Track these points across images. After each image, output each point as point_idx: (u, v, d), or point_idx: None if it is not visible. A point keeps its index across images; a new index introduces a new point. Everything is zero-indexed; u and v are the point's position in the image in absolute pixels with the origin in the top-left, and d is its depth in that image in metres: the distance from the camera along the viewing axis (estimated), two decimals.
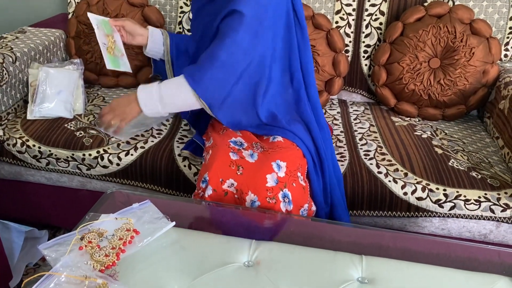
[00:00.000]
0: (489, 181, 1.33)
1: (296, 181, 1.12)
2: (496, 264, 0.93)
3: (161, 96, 1.20)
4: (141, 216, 0.98)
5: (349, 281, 0.87)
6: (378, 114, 1.72)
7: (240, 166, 1.11)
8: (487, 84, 1.64)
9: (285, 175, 1.10)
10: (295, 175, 1.12)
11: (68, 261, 0.82)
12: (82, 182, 1.53)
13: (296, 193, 1.10)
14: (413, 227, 1.37)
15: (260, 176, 1.09)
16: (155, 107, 1.22)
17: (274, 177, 1.08)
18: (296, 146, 1.20)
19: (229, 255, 0.94)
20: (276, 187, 1.07)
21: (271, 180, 1.08)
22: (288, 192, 1.08)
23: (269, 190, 1.06)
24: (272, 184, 1.07)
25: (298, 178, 1.13)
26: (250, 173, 1.10)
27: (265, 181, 1.07)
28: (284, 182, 1.09)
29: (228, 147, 1.16)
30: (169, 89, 1.20)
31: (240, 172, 1.11)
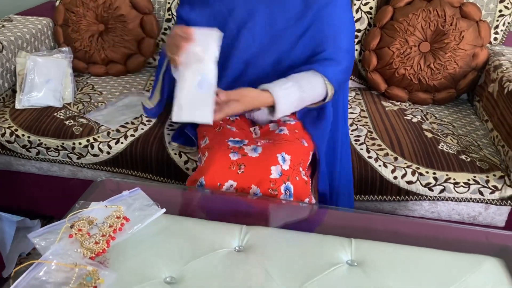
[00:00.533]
0: (478, 164, 1.34)
1: (299, 175, 1.11)
2: (483, 245, 0.95)
3: (300, 100, 1.14)
4: (131, 204, 0.98)
5: (339, 264, 0.88)
6: (368, 99, 1.73)
7: (242, 164, 1.08)
8: (476, 67, 1.64)
9: (289, 168, 1.09)
10: (297, 169, 1.12)
11: (58, 249, 0.82)
12: (73, 171, 1.53)
13: (298, 187, 1.09)
14: (403, 211, 1.38)
15: (264, 167, 1.07)
16: (286, 111, 1.14)
17: (279, 169, 1.07)
18: (300, 141, 1.18)
19: (220, 241, 0.94)
20: (280, 179, 1.06)
21: (275, 172, 1.07)
22: (290, 186, 1.08)
23: (272, 182, 1.06)
24: (275, 176, 1.06)
25: (300, 173, 1.13)
26: (253, 167, 1.07)
27: (269, 173, 1.06)
28: (288, 175, 1.08)
29: (227, 148, 1.11)
30: (309, 94, 1.16)
31: (242, 171, 1.07)
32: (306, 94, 1.14)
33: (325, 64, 1.15)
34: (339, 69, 1.17)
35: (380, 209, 1.40)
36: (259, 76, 1.20)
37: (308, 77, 1.14)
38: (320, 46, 1.17)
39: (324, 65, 1.15)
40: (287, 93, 1.09)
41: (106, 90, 1.72)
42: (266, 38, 1.17)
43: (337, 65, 1.16)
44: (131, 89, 1.72)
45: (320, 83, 1.15)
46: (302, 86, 1.12)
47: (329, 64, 1.15)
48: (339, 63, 1.17)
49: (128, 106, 1.57)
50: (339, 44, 1.17)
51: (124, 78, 1.83)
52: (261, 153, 1.10)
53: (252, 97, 1.10)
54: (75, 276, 0.77)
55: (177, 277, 0.85)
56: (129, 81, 1.81)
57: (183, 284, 0.83)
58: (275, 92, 1.09)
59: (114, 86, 1.75)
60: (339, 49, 1.17)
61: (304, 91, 1.13)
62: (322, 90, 1.16)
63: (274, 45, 1.18)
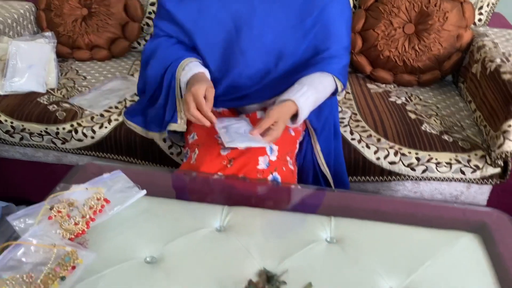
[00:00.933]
0: (460, 144, 1.35)
1: (286, 165, 1.12)
2: (461, 221, 0.96)
3: (315, 102, 1.15)
4: (112, 186, 0.98)
5: (317, 241, 0.89)
6: (354, 81, 1.73)
7: (233, 158, 1.07)
8: (461, 48, 1.64)
9: (276, 159, 1.10)
10: (285, 159, 1.13)
11: (36, 230, 0.83)
12: (57, 157, 1.52)
13: (284, 177, 1.10)
14: (386, 191, 1.39)
15: (252, 157, 1.07)
16: (305, 116, 1.14)
17: (266, 160, 1.08)
18: (288, 130, 1.19)
19: (201, 221, 0.95)
20: (267, 170, 1.07)
21: (262, 163, 1.07)
22: (277, 176, 1.08)
23: (259, 172, 1.06)
24: (263, 167, 1.07)
25: (287, 162, 1.13)
26: (242, 158, 1.08)
27: (257, 163, 1.07)
28: (275, 166, 1.09)
29: (217, 144, 1.10)
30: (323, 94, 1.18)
31: (231, 164, 1.07)
32: (320, 95, 1.16)
33: (332, 63, 1.18)
34: (342, 65, 1.20)
35: (363, 190, 1.41)
36: (261, 73, 1.20)
37: (319, 78, 1.16)
38: (324, 44, 1.18)
39: (330, 64, 1.17)
40: (306, 98, 1.11)
41: (90, 75, 1.71)
42: (269, 35, 1.17)
43: (341, 62, 1.20)
44: (116, 74, 1.71)
45: (330, 82, 1.18)
46: (317, 88, 1.14)
47: (334, 62, 1.18)
48: (342, 59, 1.20)
49: (112, 90, 1.57)
50: (341, 42, 1.20)
51: (109, 63, 1.82)
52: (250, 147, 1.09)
53: (283, 112, 1.09)
54: (54, 257, 0.78)
55: (157, 256, 0.86)
56: (114, 65, 1.79)
57: (163, 264, 0.84)
58: (298, 101, 1.09)
59: (98, 71, 1.74)
60: (342, 46, 1.20)
61: (319, 92, 1.15)
62: (332, 87, 1.20)
63: (278, 43, 1.18)
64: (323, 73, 1.16)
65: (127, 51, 1.88)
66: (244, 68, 1.20)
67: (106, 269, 0.81)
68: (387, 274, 0.83)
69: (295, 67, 1.20)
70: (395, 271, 0.84)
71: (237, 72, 1.20)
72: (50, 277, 0.74)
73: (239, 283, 0.80)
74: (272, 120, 1.06)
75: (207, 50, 1.18)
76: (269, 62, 1.20)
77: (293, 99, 1.09)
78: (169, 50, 1.21)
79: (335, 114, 1.35)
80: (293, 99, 1.09)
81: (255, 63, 1.19)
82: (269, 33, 1.17)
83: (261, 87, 1.22)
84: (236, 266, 0.83)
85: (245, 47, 1.17)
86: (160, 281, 0.80)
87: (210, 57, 1.19)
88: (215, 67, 1.20)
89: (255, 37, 1.16)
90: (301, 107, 1.09)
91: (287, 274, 0.82)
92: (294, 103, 1.09)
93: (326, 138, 1.29)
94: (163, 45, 1.22)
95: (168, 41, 1.22)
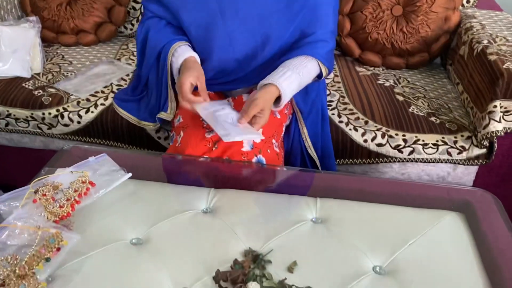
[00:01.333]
0: (447, 125, 1.36)
1: (270, 148, 1.12)
2: (445, 200, 0.97)
3: (298, 86, 1.14)
4: (97, 169, 0.98)
5: (303, 221, 0.90)
6: (342, 64, 1.72)
7: (217, 141, 1.07)
8: (449, 30, 1.64)
9: (260, 142, 1.10)
10: (270, 142, 1.13)
11: (21, 213, 0.82)
12: (44, 142, 1.51)
13: (269, 160, 1.10)
14: (374, 173, 1.40)
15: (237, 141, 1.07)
16: (288, 100, 1.14)
17: (250, 142, 1.08)
18: (273, 113, 1.18)
19: (187, 203, 0.95)
20: (251, 152, 1.07)
21: (246, 145, 1.07)
22: (262, 158, 1.08)
23: (244, 155, 1.06)
24: (247, 149, 1.07)
25: (273, 145, 1.13)
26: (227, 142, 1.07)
27: (241, 145, 1.07)
28: (259, 148, 1.09)
29: (202, 127, 1.11)
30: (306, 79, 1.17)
31: (216, 147, 1.07)
32: (304, 79, 1.16)
33: (317, 47, 1.17)
34: (328, 50, 1.19)
35: (351, 173, 1.42)
36: (248, 57, 1.19)
37: (303, 62, 1.15)
38: (310, 29, 1.17)
39: (316, 48, 1.16)
40: (289, 82, 1.10)
41: (76, 59, 1.69)
42: (254, 18, 1.15)
43: (327, 46, 1.19)
44: (102, 59, 1.69)
45: (314, 66, 1.17)
46: (301, 72, 1.13)
47: (319, 46, 1.17)
48: (328, 44, 1.19)
49: (98, 75, 1.55)
50: (327, 26, 1.19)
51: (95, 48, 1.80)
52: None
53: (268, 99, 1.09)
54: (38, 239, 0.78)
55: (143, 238, 0.86)
56: (100, 50, 1.77)
57: (149, 245, 0.84)
58: (281, 86, 1.09)
59: (84, 56, 1.72)
60: (328, 30, 1.19)
61: (303, 77, 1.14)
62: (316, 71, 1.19)
63: (264, 27, 1.16)
64: (307, 57, 1.16)
65: (114, 36, 1.86)
66: (230, 51, 1.19)
67: (91, 250, 0.81)
68: (371, 252, 0.84)
69: (282, 51, 1.19)
70: (379, 249, 0.85)
71: (224, 55, 1.19)
72: (35, 258, 0.74)
73: (225, 263, 0.80)
74: (259, 108, 1.06)
75: (190, 30, 1.17)
76: (256, 46, 1.19)
77: (276, 84, 1.08)
78: (159, 34, 1.20)
79: (323, 97, 1.35)
80: (276, 84, 1.08)
81: (241, 46, 1.18)
82: (255, 16, 1.15)
83: (249, 71, 1.22)
84: (222, 247, 0.84)
85: (231, 30, 1.16)
86: (146, 262, 0.80)
87: (194, 38, 1.18)
88: (199, 48, 1.19)
89: (240, 20, 1.15)
90: (284, 92, 1.09)
91: (272, 253, 0.82)
92: (277, 88, 1.08)
93: (313, 121, 1.29)
94: (152, 29, 1.21)
95: (158, 24, 1.21)
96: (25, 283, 0.71)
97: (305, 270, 0.79)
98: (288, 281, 0.76)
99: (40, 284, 0.72)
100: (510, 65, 1.25)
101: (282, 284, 0.76)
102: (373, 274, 0.80)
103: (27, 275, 0.72)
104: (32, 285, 0.71)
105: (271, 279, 0.77)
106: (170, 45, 1.16)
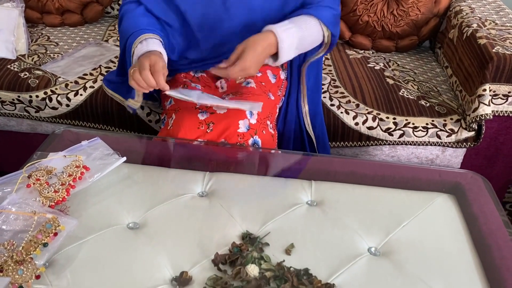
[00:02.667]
0: (436, 109, 1.38)
1: (265, 129, 1.12)
2: (436, 182, 0.99)
3: (299, 41, 1.09)
4: (91, 153, 0.97)
5: (299, 204, 0.91)
6: None
7: (211, 122, 1.06)
8: (438, 14, 1.65)
9: (256, 122, 1.09)
10: (265, 123, 1.12)
11: (15, 198, 0.81)
12: (32, 126, 1.48)
13: (265, 141, 1.10)
14: (364, 156, 1.42)
15: (232, 121, 1.06)
16: (289, 55, 1.10)
17: (246, 123, 1.07)
18: (267, 94, 1.17)
19: (183, 187, 0.95)
20: (247, 133, 1.07)
21: (243, 126, 1.07)
22: (258, 139, 1.08)
23: (240, 136, 1.06)
24: (243, 130, 1.06)
25: (267, 126, 1.13)
26: (222, 123, 1.06)
27: (237, 127, 1.06)
28: (255, 129, 1.08)
29: (195, 108, 1.08)
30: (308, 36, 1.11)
31: (211, 129, 1.05)
32: (306, 33, 1.11)
33: (320, 9, 1.13)
34: (332, 13, 1.15)
35: (342, 155, 1.43)
36: (248, 32, 1.13)
37: (305, 19, 1.11)
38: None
39: (318, 10, 1.13)
40: (289, 33, 1.06)
41: (62, 41, 1.65)
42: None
43: (331, 10, 1.15)
44: (89, 40, 1.65)
45: (316, 25, 1.12)
46: (301, 26, 1.10)
47: (324, 9, 1.13)
48: (333, 9, 1.16)
49: (86, 57, 1.52)
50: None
51: (82, 29, 1.75)
52: (228, 109, 1.08)
53: (254, 40, 1.03)
54: (34, 224, 0.77)
55: (140, 222, 0.86)
56: (87, 31, 1.73)
57: (146, 229, 0.84)
58: (278, 32, 1.04)
59: (71, 37, 1.68)
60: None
61: (303, 30, 1.10)
62: (319, 33, 1.14)
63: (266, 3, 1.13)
64: (310, 16, 1.12)
65: (101, 16, 1.82)
66: (228, 26, 1.15)
67: (88, 235, 0.81)
68: (366, 234, 0.85)
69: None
70: (373, 231, 0.86)
71: (221, 31, 1.16)
72: (32, 244, 0.73)
73: (222, 246, 0.81)
74: (238, 52, 1.02)
75: (186, 8, 1.13)
76: (255, 18, 1.15)
77: (274, 30, 1.04)
78: (133, 20, 1.13)
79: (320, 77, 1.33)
80: (273, 30, 1.04)
81: (240, 22, 1.15)
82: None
83: None
84: (219, 230, 0.85)
85: (230, 5, 1.12)
86: (143, 246, 0.80)
87: (191, 16, 1.14)
88: (196, 25, 1.15)
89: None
90: (281, 39, 1.04)
91: (269, 236, 0.83)
92: (273, 34, 1.04)
93: (313, 99, 1.29)
94: (129, 14, 1.14)
95: (135, 11, 1.14)
96: (23, 268, 0.70)
97: (302, 252, 0.80)
98: (286, 263, 0.78)
99: (38, 269, 0.72)
100: (499, 49, 1.26)
101: (280, 266, 0.77)
102: (369, 256, 0.81)
103: (25, 261, 0.71)
104: (30, 271, 0.71)
105: (269, 261, 0.78)
106: (140, 33, 1.09)
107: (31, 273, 0.70)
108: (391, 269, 0.79)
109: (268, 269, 0.76)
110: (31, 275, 0.70)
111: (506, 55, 1.24)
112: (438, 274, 0.78)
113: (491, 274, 0.78)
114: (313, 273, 0.76)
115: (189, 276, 0.74)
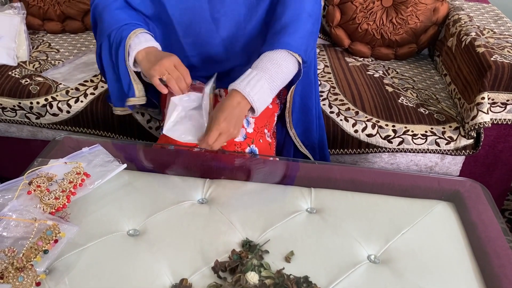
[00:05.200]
0: (435, 116, 1.39)
1: (263, 138, 1.12)
2: (435, 190, 0.99)
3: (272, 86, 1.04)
4: (92, 160, 0.97)
5: (298, 212, 0.91)
6: (332, 55, 1.73)
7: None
8: (437, 22, 1.66)
9: (253, 131, 1.10)
10: (262, 132, 1.13)
11: (16, 205, 0.81)
12: (32, 132, 1.49)
13: (262, 149, 1.11)
14: (363, 163, 1.42)
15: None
16: (266, 101, 1.04)
17: (243, 132, 1.08)
18: None
19: (183, 194, 0.95)
20: (244, 142, 1.07)
21: (240, 135, 1.07)
22: (255, 148, 1.09)
23: (237, 145, 1.06)
24: (240, 139, 1.07)
25: (265, 135, 1.14)
26: None
27: None
28: (252, 138, 1.09)
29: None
30: (278, 73, 1.03)
31: None
32: (273, 72, 1.04)
33: (286, 34, 1.04)
34: (300, 35, 1.06)
35: (341, 163, 1.44)
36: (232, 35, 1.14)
37: (272, 60, 1.03)
38: (281, 7, 1.08)
39: (284, 36, 1.04)
40: (254, 83, 1.01)
41: (63, 48, 1.66)
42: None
43: (297, 31, 1.06)
44: (90, 47, 1.66)
45: (288, 61, 1.05)
46: (266, 68, 1.03)
47: (290, 32, 1.05)
48: (299, 28, 1.06)
49: (87, 64, 1.53)
50: (301, 7, 1.07)
51: (82, 35, 1.77)
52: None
53: (221, 103, 1.00)
54: (35, 231, 0.77)
55: (140, 229, 0.86)
56: (88, 38, 1.74)
57: (146, 236, 0.84)
58: (250, 96, 1.00)
59: (71, 44, 1.69)
60: (301, 12, 1.07)
61: (271, 70, 1.03)
62: (293, 65, 1.07)
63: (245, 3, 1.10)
64: (277, 52, 1.04)
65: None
66: (215, 32, 1.13)
67: (88, 242, 0.81)
68: (365, 241, 0.86)
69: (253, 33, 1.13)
70: (373, 238, 0.86)
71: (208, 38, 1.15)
72: (32, 251, 0.74)
73: (222, 253, 0.81)
74: (209, 121, 1.00)
75: (174, 13, 1.11)
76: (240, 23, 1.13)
77: (236, 87, 1.00)
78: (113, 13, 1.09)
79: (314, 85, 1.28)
80: (236, 88, 1.00)
81: (225, 25, 1.13)
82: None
83: (233, 52, 1.17)
84: (219, 237, 0.85)
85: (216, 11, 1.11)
86: (144, 253, 0.80)
87: (178, 22, 1.12)
88: (182, 32, 1.13)
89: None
90: (247, 92, 1.00)
91: (269, 243, 0.83)
92: (236, 92, 1.00)
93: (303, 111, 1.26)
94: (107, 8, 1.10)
95: (113, 4, 1.10)
96: (24, 275, 0.71)
97: (302, 260, 0.80)
98: (285, 271, 0.78)
99: (38, 276, 0.72)
100: (497, 58, 1.27)
101: (280, 273, 0.77)
102: (368, 263, 0.81)
103: (26, 268, 0.72)
104: (31, 278, 0.71)
105: (269, 269, 0.78)
106: (132, 27, 1.07)
107: (31, 280, 0.70)
108: (391, 276, 0.79)
109: (268, 277, 0.76)
110: (32, 282, 0.70)
111: (505, 63, 1.25)
112: (437, 282, 0.78)
113: (490, 282, 0.79)
114: (313, 281, 0.76)
115: (189, 283, 0.75)
